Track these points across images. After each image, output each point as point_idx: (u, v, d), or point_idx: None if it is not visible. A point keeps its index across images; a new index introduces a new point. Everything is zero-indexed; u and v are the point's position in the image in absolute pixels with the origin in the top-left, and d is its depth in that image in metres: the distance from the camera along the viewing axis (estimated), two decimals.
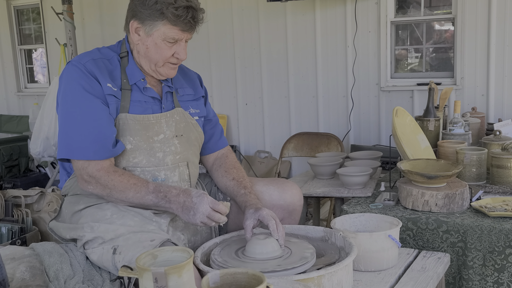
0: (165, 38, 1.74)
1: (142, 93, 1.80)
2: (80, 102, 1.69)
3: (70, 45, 4.93)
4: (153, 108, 1.81)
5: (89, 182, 1.70)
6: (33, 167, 5.65)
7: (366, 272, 1.75)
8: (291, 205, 1.94)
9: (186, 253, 1.14)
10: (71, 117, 1.70)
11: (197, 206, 1.63)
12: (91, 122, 1.68)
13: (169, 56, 1.78)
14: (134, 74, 1.80)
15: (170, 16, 1.70)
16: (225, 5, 4.89)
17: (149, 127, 1.78)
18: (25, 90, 6.45)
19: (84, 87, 1.70)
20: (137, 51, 1.81)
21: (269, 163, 4.92)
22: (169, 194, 1.67)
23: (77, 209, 1.77)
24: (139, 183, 1.69)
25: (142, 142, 1.77)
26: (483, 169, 2.46)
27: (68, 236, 1.74)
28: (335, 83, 4.56)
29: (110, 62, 1.80)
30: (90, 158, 1.68)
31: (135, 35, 1.78)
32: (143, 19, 1.74)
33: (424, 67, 4.42)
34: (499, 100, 3.97)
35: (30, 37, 6.39)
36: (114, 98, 1.74)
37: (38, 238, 2.77)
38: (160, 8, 1.69)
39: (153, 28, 1.73)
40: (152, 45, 1.75)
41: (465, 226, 1.97)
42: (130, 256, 1.55)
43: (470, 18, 3.96)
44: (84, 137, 1.68)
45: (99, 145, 1.68)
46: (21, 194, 2.96)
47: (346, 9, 4.38)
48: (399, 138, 2.37)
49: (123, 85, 1.77)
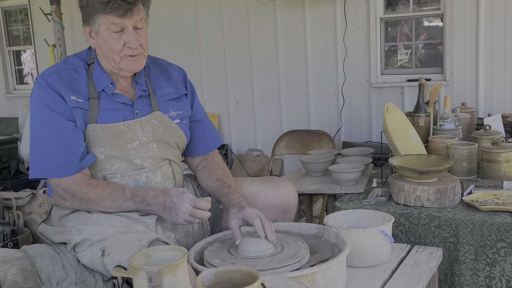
0: (108, 29, 1.68)
1: (111, 99, 1.75)
2: (43, 120, 1.68)
3: (59, 45, 4.90)
4: (124, 115, 1.76)
5: (65, 198, 1.70)
6: (23, 169, 5.60)
7: (359, 268, 1.76)
8: (286, 205, 1.93)
9: (180, 252, 1.14)
10: (37, 135, 1.69)
11: (178, 206, 1.63)
12: (56, 139, 1.67)
13: (120, 47, 1.70)
14: (101, 80, 1.76)
15: (98, 6, 1.65)
16: (214, 4, 4.89)
17: (120, 135, 1.74)
18: (14, 92, 6.41)
19: (47, 104, 1.68)
20: (98, 55, 1.77)
21: (261, 161, 4.92)
22: (147, 197, 1.66)
23: (64, 214, 1.76)
24: (115, 192, 1.68)
25: (115, 151, 1.74)
26: (473, 164, 2.47)
27: (57, 240, 1.74)
28: (325, 81, 4.57)
29: (77, 72, 1.76)
30: (58, 175, 1.68)
31: (90, 39, 1.75)
32: (87, 21, 1.72)
33: (414, 63, 4.45)
34: (488, 95, 4.00)
35: (18, 38, 6.34)
36: (80, 110, 1.71)
37: (29, 240, 2.75)
38: (91, 3, 1.66)
39: (96, 26, 1.70)
40: (103, 43, 1.71)
41: (457, 221, 1.98)
42: (119, 257, 1.54)
43: (459, 14, 3.98)
44: (50, 155, 1.67)
45: (65, 161, 1.67)
46: (12, 196, 2.94)
47: (336, 7, 4.39)
48: (390, 134, 2.38)
49: (90, 94, 1.74)
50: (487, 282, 1.94)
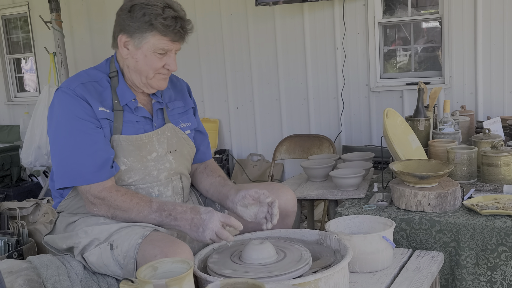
0: (155, 50, 1.73)
1: (133, 113, 1.79)
2: (75, 128, 1.69)
3: (60, 53, 4.93)
4: (145, 127, 1.81)
5: (95, 204, 1.70)
6: (25, 176, 5.62)
7: (361, 274, 1.77)
8: (284, 211, 1.95)
9: (186, 264, 1.15)
10: (67, 144, 1.69)
11: (206, 223, 1.62)
12: (86, 147, 1.68)
13: (159, 67, 1.77)
14: (125, 95, 1.79)
15: (159, 27, 1.69)
16: (213, 10, 4.91)
17: (142, 147, 1.78)
18: (15, 100, 6.43)
19: (76, 113, 1.70)
20: (126, 66, 1.79)
21: (262, 166, 4.94)
22: (174, 212, 1.67)
23: (71, 221, 1.79)
24: (142, 202, 1.69)
25: (136, 162, 1.78)
26: (473, 168, 2.49)
27: (65, 246, 1.75)
28: (325, 85, 4.59)
29: (100, 84, 1.78)
30: (90, 181, 1.68)
31: (124, 49, 1.76)
32: (131, 32, 1.73)
33: (413, 66, 4.47)
34: (487, 98, 4.02)
35: (18, 46, 6.37)
36: (107, 121, 1.74)
37: (34, 249, 2.76)
38: (149, 19, 1.69)
39: (142, 41, 1.72)
40: (142, 58, 1.75)
41: (458, 225, 1.99)
42: (126, 246, 1.59)
43: (457, 18, 4.01)
44: (81, 162, 1.68)
45: (97, 167, 1.68)
46: (16, 206, 2.95)
47: (334, 12, 4.42)
48: (390, 139, 2.40)
49: (114, 106, 1.76)
50: (488, 287, 1.95)
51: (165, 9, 1.70)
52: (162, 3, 1.71)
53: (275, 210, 1.75)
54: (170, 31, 1.71)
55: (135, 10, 1.71)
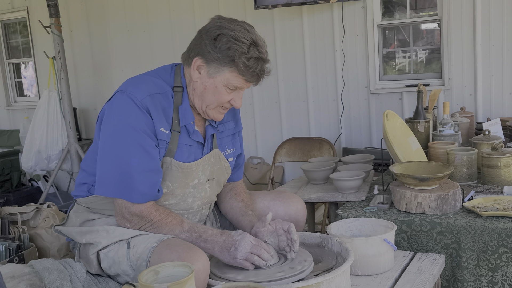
0: (227, 84, 1.68)
1: (189, 137, 1.75)
2: (134, 140, 1.62)
3: (59, 58, 4.93)
4: (195, 154, 1.77)
5: (129, 220, 1.67)
6: (25, 181, 5.63)
7: (363, 277, 1.78)
8: (294, 220, 1.94)
9: (188, 268, 1.15)
10: (122, 155, 1.63)
11: (239, 242, 1.60)
12: (143, 164, 1.63)
13: (225, 101, 1.72)
14: (186, 116, 1.73)
15: (240, 66, 1.64)
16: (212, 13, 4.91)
17: (188, 174, 1.75)
18: (15, 104, 6.43)
19: (140, 126, 1.63)
20: (193, 88, 1.73)
21: (262, 169, 4.94)
22: (205, 234, 1.65)
23: (90, 218, 1.78)
24: (174, 221, 1.67)
25: (179, 188, 1.75)
26: (474, 169, 2.49)
27: (84, 241, 1.72)
28: (324, 87, 4.60)
29: (165, 98, 1.71)
30: (135, 201, 1.64)
31: (195, 72, 1.70)
32: (209, 60, 1.67)
33: (412, 68, 4.47)
34: (487, 99, 4.02)
35: (17, 50, 6.37)
36: (165, 142, 1.69)
37: (35, 254, 2.76)
38: (232, 55, 1.63)
39: (217, 72, 1.67)
40: (211, 87, 1.69)
41: (459, 227, 2.00)
42: (142, 248, 1.58)
43: (456, 19, 4.01)
44: (134, 179, 1.63)
45: (148, 189, 1.64)
46: (16, 211, 2.95)
47: (333, 14, 4.42)
48: (390, 142, 2.40)
49: (173, 125, 1.71)
50: (490, 287, 1.95)
51: (251, 47, 1.65)
52: (249, 40, 1.66)
53: (294, 236, 1.68)
54: (249, 72, 1.66)
55: (221, 40, 1.64)
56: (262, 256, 1.60)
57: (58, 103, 5.10)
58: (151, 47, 5.19)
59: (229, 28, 1.66)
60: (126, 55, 5.29)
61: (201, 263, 1.48)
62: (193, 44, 1.73)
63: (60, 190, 5.78)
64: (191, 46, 1.73)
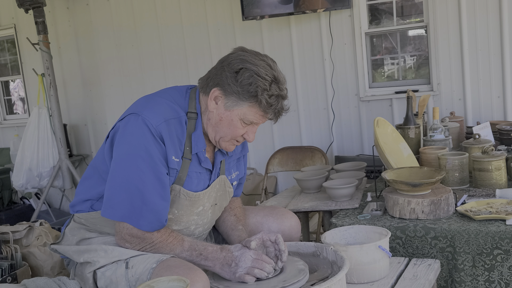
0: (243, 119, 1.67)
1: (199, 164, 1.73)
2: (148, 167, 1.59)
3: (48, 74, 4.92)
4: (204, 181, 1.76)
5: (129, 242, 1.64)
6: (16, 199, 5.58)
7: (359, 284, 1.77)
8: (288, 237, 1.94)
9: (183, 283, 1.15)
10: (134, 180, 1.60)
11: (239, 258, 1.60)
12: (153, 191, 1.60)
13: (239, 135, 1.70)
14: (199, 143, 1.71)
15: (263, 102, 1.62)
16: (200, 26, 4.93)
17: (195, 203, 1.75)
18: (5, 122, 6.39)
19: (153, 153, 1.60)
20: (208, 118, 1.71)
21: (255, 179, 4.93)
22: (205, 251, 1.63)
23: (87, 237, 1.75)
24: (175, 241, 1.66)
25: (184, 215, 1.75)
26: (465, 173, 2.50)
27: (82, 260, 1.70)
28: (315, 96, 4.61)
29: (178, 123, 1.67)
30: (142, 228, 1.62)
31: (212, 102, 1.68)
32: (228, 93, 1.64)
33: (401, 75, 4.50)
34: (475, 103, 4.05)
35: (6, 68, 6.35)
36: (175, 170, 1.67)
37: (28, 273, 2.73)
38: (255, 91, 1.61)
39: (235, 106, 1.65)
40: (227, 120, 1.67)
41: (453, 231, 2.00)
42: (141, 269, 1.56)
43: (442, 25, 4.05)
44: (142, 205, 1.60)
45: (155, 217, 1.62)
46: (8, 230, 2.91)
47: (321, 23, 4.45)
48: (381, 148, 2.41)
49: (185, 153, 1.69)
50: (487, 286, 1.96)
51: (272, 84, 1.63)
52: (271, 77, 1.64)
53: (282, 246, 1.67)
54: (269, 109, 1.65)
55: (243, 74, 1.62)
56: (264, 269, 1.60)
57: (48, 119, 5.08)
58: (140, 60, 5.18)
59: (252, 63, 1.63)
60: (115, 69, 5.27)
61: (202, 284, 1.47)
62: (213, 73, 1.70)
63: (53, 207, 5.74)
64: (211, 75, 1.70)
